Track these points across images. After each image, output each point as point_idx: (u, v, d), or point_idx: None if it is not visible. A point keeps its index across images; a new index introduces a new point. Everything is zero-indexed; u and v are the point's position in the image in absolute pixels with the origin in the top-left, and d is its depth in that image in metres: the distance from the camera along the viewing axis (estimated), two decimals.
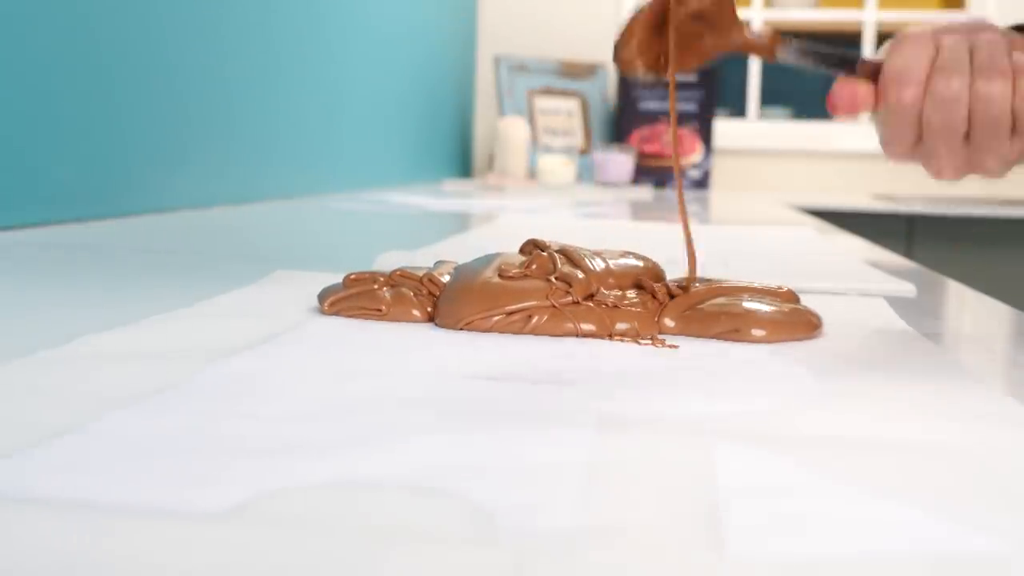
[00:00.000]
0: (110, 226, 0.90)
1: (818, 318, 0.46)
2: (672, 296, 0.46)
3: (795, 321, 0.45)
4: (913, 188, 2.84)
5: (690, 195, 2.19)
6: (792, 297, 0.47)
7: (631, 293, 0.46)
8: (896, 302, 0.60)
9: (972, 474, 0.27)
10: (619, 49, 0.51)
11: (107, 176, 0.97)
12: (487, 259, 0.49)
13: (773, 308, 0.45)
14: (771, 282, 0.52)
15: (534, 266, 0.47)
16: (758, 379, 0.37)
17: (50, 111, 0.87)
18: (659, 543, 0.21)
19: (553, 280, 0.45)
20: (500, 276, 0.46)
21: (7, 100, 0.81)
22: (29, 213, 0.85)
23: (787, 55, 0.54)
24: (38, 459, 0.25)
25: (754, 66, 2.84)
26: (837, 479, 0.26)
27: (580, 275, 0.46)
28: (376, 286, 0.48)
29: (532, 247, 0.50)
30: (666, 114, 2.54)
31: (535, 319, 0.44)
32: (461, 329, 0.45)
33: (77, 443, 0.27)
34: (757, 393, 0.35)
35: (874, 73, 0.52)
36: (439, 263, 0.52)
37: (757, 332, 0.44)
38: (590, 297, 0.45)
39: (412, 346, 0.42)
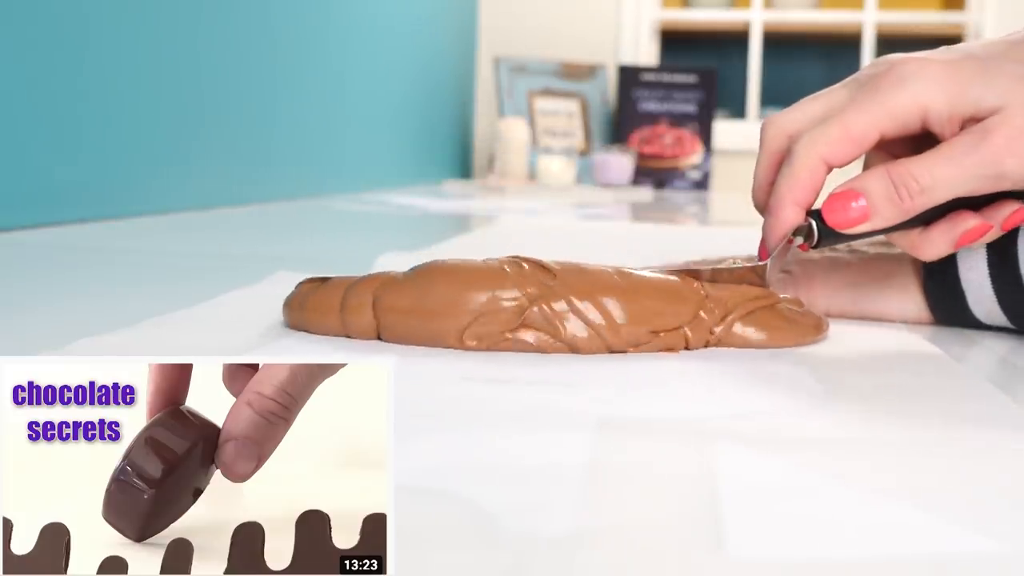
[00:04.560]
0: (110, 227, 0.90)
1: (824, 321, 0.46)
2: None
3: (801, 325, 0.44)
4: None
5: (690, 196, 2.19)
6: (796, 302, 0.47)
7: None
8: None
9: (972, 475, 0.27)
10: None
11: (107, 177, 0.97)
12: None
13: (778, 312, 0.45)
14: None
15: (523, 332, 0.40)
16: (759, 380, 0.37)
17: (50, 111, 0.87)
18: (659, 544, 0.21)
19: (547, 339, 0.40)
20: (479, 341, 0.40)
21: (8, 100, 0.81)
22: (29, 213, 0.85)
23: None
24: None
25: (754, 66, 2.84)
26: (837, 480, 0.26)
27: (585, 335, 0.40)
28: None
29: (534, 267, 0.42)
30: (666, 115, 2.55)
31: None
32: None
33: None
34: (758, 394, 0.35)
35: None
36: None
37: (761, 337, 0.43)
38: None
39: (409, 349, 0.42)
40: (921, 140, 0.42)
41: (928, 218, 0.41)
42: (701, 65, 2.62)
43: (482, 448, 0.28)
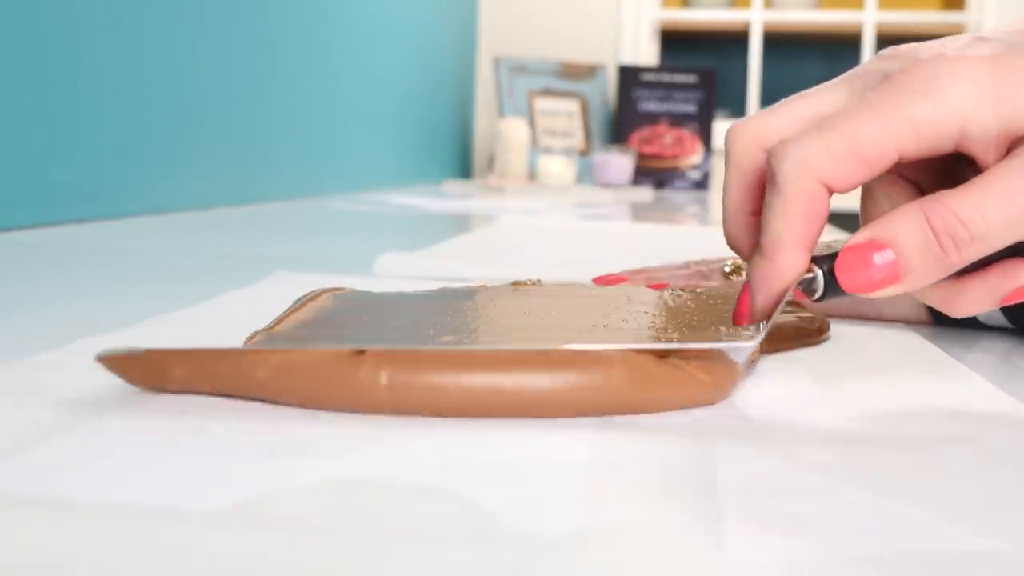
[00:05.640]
0: (110, 227, 0.90)
1: (825, 323, 0.45)
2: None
3: (802, 328, 0.44)
4: None
5: (690, 196, 2.19)
6: (796, 304, 0.47)
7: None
8: None
9: (972, 474, 0.27)
10: None
11: (107, 176, 0.97)
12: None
13: (780, 315, 0.45)
14: None
15: None
16: (759, 381, 0.37)
17: (49, 111, 0.87)
18: (659, 544, 0.21)
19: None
20: None
21: (7, 100, 0.81)
22: (29, 213, 0.85)
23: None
24: (38, 460, 0.25)
25: (754, 66, 2.84)
26: (837, 480, 0.26)
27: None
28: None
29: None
30: (666, 115, 2.55)
31: None
32: None
33: (77, 444, 0.27)
34: (758, 395, 0.35)
35: None
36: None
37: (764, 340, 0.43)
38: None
39: None
40: (942, 163, 0.33)
41: (972, 270, 0.32)
42: (701, 65, 2.61)
43: (482, 448, 0.28)
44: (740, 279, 0.53)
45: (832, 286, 0.31)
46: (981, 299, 0.32)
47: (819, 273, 0.31)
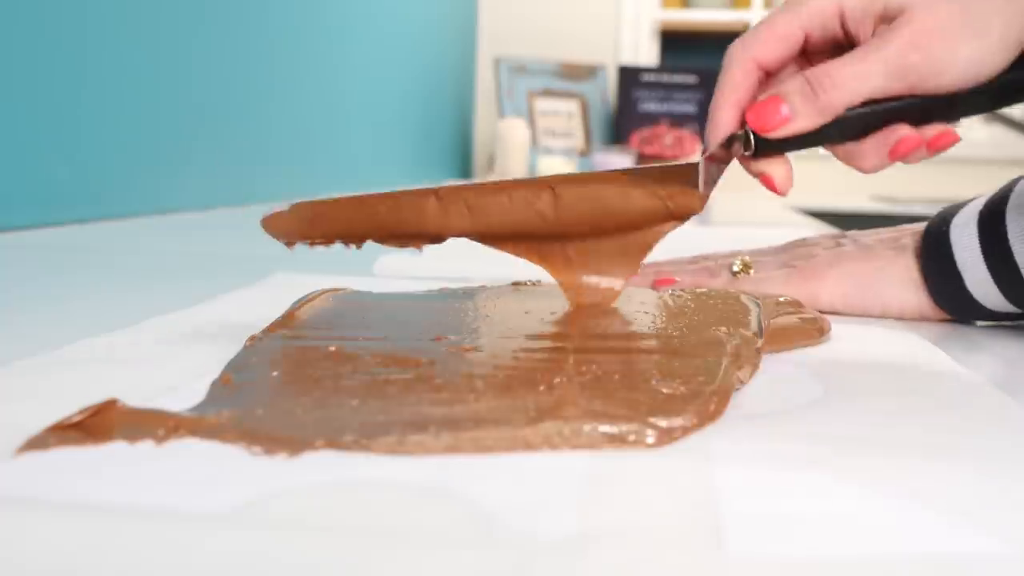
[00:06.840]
0: (110, 227, 0.90)
1: (826, 323, 0.45)
2: None
3: (803, 328, 0.44)
4: (913, 189, 2.84)
5: None
6: (797, 304, 0.47)
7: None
8: None
9: (972, 475, 0.27)
10: None
11: (107, 176, 0.97)
12: None
13: (781, 316, 0.45)
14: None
15: None
16: (759, 381, 0.37)
17: (50, 111, 0.87)
18: (659, 543, 0.21)
19: None
20: None
21: (8, 100, 0.81)
22: (29, 213, 0.85)
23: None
24: (38, 461, 0.25)
25: None
26: (837, 479, 0.26)
27: None
28: None
29: None
30: (666, 115, 2.55)
31: None
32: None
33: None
34: (758, 395, 0.35)
35: None
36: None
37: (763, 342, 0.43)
38: None
39: None
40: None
41: (864, 131, 0.43)
42: (701, 65, 2.61)
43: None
44: (748, 276, 0.54)
45: (761, 143, 0.44)
46: (873, 153, 0.44)
47: (748, 129, 0.44)
